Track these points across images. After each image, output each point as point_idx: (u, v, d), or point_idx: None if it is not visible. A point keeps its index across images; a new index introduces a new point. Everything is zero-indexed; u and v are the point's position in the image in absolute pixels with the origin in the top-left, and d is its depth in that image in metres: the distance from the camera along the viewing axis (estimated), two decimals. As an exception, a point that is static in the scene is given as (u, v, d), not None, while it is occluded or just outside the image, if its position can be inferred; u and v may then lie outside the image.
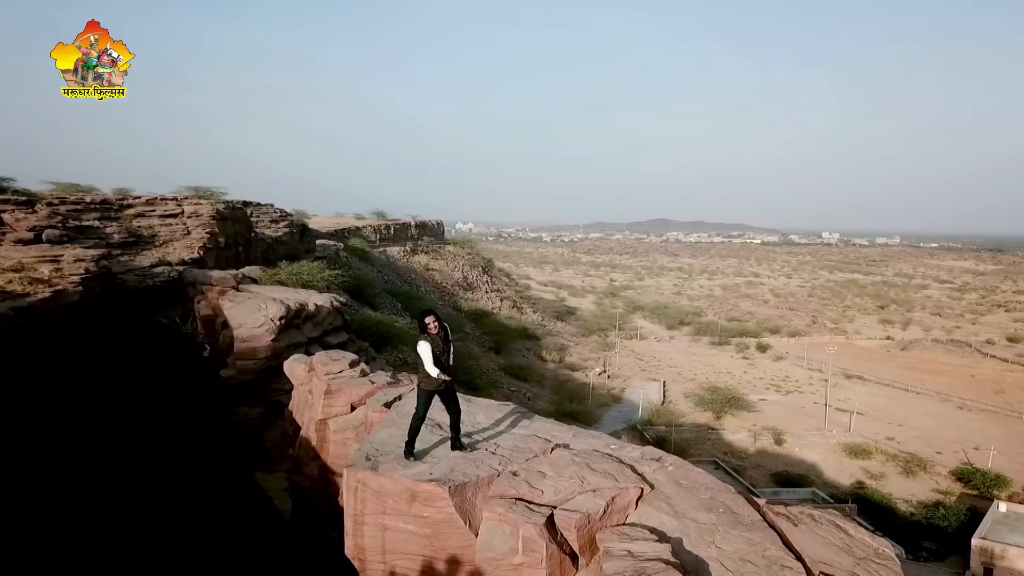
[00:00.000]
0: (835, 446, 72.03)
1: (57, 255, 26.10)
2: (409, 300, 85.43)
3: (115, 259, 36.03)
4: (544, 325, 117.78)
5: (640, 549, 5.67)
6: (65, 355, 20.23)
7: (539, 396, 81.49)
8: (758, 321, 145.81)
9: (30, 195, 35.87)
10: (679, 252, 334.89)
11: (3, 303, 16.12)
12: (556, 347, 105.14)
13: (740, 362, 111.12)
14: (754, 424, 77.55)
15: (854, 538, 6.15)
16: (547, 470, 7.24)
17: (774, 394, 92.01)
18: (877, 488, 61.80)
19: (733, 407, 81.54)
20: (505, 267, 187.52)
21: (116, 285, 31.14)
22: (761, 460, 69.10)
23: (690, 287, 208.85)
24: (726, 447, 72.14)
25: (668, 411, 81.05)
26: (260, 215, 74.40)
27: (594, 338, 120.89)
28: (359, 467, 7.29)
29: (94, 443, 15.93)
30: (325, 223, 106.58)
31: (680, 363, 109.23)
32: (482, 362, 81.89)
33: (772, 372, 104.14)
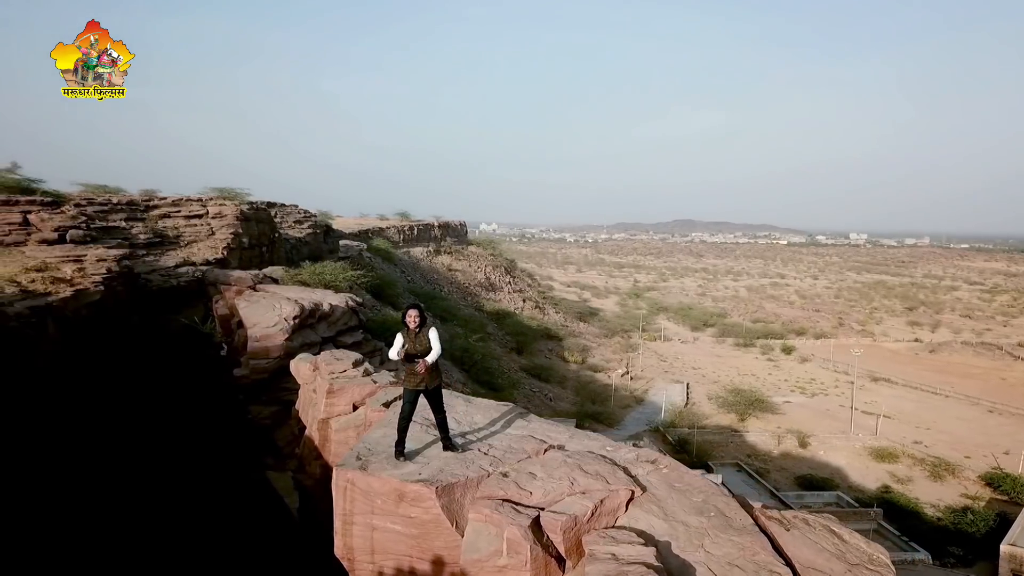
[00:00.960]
0: (861, 449, 71.01)
1: (80, 255, 26.47)
2: (432, 300, 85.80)
3: (140, 259, 36.51)
4: (567, 326, 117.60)
5: (624, 552, 5.57)
6: (86, 353, 20.52)
7: (561, 397, 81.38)
8: (783, 322, 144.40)
9: (59, 196, 36.42)
10: (704, 253, 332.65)
11: (20, 302, 16.29)
12: (578, 348, 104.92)
13: (765, 364, 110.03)
14: (778, 426, 76.69)
15: (848, 544, 6.01)
16: (538, 471, 7.16)
17: (799, 396, 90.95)
18: (904, 492, 60.85)
19: (757, 409, 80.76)
20: (528, 268, 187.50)
21: (140, 285, 31.58)
22: (785, 463, 68.35)
23: (715, 288, 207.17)
24: (749, 449, 71.44)
25: (691, 413, 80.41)
26: (284, 216, 75.18)
27: (617, 339, 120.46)
28: (348, 467, 7.26)
29: (110, 440, 16.12)
30: (349, 224, 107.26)
31: (704, 365, 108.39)
32: (504, 362, 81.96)
33: (797, 374, 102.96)
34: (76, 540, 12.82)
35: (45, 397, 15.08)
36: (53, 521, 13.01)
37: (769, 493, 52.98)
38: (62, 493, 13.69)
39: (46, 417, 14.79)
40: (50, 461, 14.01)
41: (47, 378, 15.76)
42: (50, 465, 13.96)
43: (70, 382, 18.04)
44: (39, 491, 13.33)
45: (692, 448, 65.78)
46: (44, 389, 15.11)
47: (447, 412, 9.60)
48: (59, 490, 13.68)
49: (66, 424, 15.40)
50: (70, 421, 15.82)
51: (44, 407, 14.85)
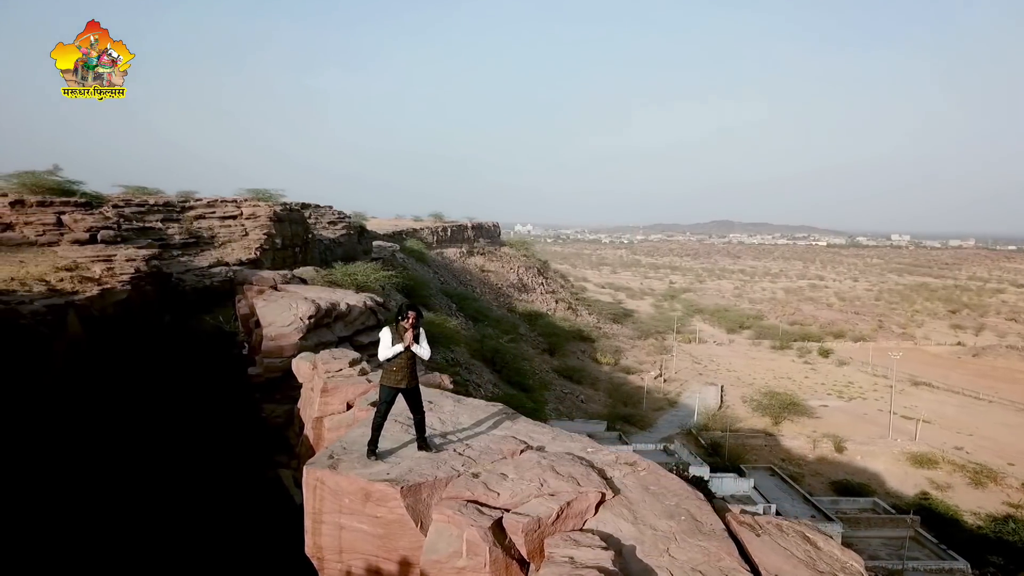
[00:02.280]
0: (899, 455, 69.59)
1: (110, 255, 26.92)
2: (464, 301, 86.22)
3: (175, 259, 37.15)
4: (600, 327, 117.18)
5: (583, 556, 5.45)
6: (112, 351, 20.89)
7: (592, 399, 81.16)
8: (821, 325, 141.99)
9: (98, 197, 37.18)
10: (741, 254, 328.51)
11: (41, 300, 16.63)
12: (611, 350, 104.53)
13: (801, 367, 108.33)
14: (814, 431, 75.47)
15: (822, 551, 5.80)
16: (510, 472, 7.05)
17: (836, 400, 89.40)
18: (943, 499, 59.53)
19: (792, 413, 79.67)
20: (562, 269, 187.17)
21: (171, 284, 32.12)
22: (820, 468, 67.31)
23: (752, 290, 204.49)
24: (784, 453, 70.46)
25: (725, 416, 79.70)
26: (319, 217, 76.05)
27: (651, 341, 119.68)
28: (319, 465, 7.23)
29: (126, 438, 16.36)
30: (384, 225, 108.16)
31: (739, 367, 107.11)
32: (535, 364, 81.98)
33: (834, 377, 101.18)
34: (87, 538, 13.03)
35: (63, 394, 15.37)
36: (63, 518, 13.24)
37: (802, 498, 52.13)
38: (74, 489, 13.93)
39: (65, 414, 15.08)
40: (64, 457, 14.27)
41: (67, 375, 16.06)
42: (63, 461, 14.21)
43: (93, 379, 18.40)
44: (49, 486, 13.58)
45: (724, 451, 65.13)
46: (62, 386, 15.39)
47: (435, 412, 9.58)
48: (71, 486, 13.92)
49: (84, 421, 15.68)
50: (90, 418, 16.11)
51: (62, 404, 15.13)
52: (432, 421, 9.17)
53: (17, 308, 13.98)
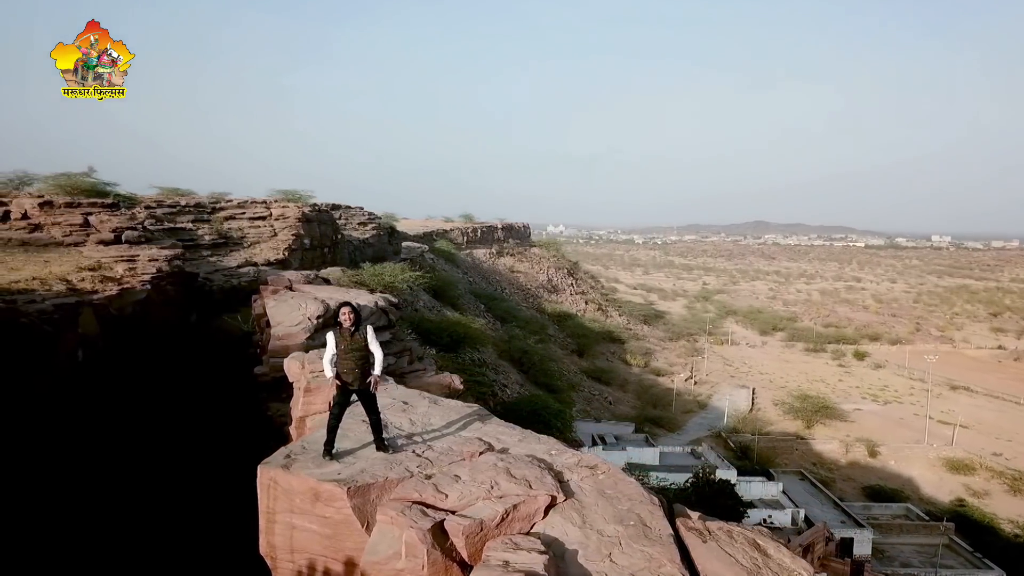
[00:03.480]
0: (935, 460, 68.18)
1: (133, 255, 27.40)
2: (492, 302, 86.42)
3: (204, 259, 37.76)
4: (630, 328, 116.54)
5: (519, 560, 5.36)
6: (129, 349, 21.24)
7: (621, 400, 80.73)
8: (857, 327, 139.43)
9: (131, 199, 37.93)
10: (776, 255, 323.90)
11: (49, 300, 16.94)
12: (642, 351, 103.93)
13: (835, 370, 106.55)
14: (847, 434, 74.29)
15: (770, 558, 5.63)
16: (464, 474, 6.99)
17: (870, 404, 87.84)
18: (979, 506, 58.17)
19: (825, 416, 78.53)
20: (593, 270, 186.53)
21: (196, 284, 32.60)
22: (852, 472, 66.20)
23: (786, 291, 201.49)
24: (815, 457, 69.41)
25: (755, 419, 78.83)
26: (349, 218, 76.78)
27: (682, 343, 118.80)
28: (273, 464, 7.24)
29: (131, 436, 16.60)
30: (414, 225, 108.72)
31: (771, 370, 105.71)
32: (563, 365, 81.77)
33: (869, 381, 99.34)
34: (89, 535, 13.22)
35: (75, 390, 15.63)
36: (65, 515, 13.46)
37: (832, 503, 51.31)
38: (76, 485, 14.16)
39: (75, 410, 15.34)
40: (69, 453, 14.50)
41: (80, 372, 16.33)
42: (68, 457, 14.45)
43: (109, 376, 18.70)
44: (51, 482, 13.81)
45: (753, 455, 64.37)
46: (73, 383, 15.65)
47: (408, 413, 9.57)
48: (74, 481, 14.14)
49: (96, 418, 15.94)
50: (101, 415, 16.37)
51: (72, 400, 15.38)
52: (403, 422, 9.15)
53: (18, 307, 14.21)
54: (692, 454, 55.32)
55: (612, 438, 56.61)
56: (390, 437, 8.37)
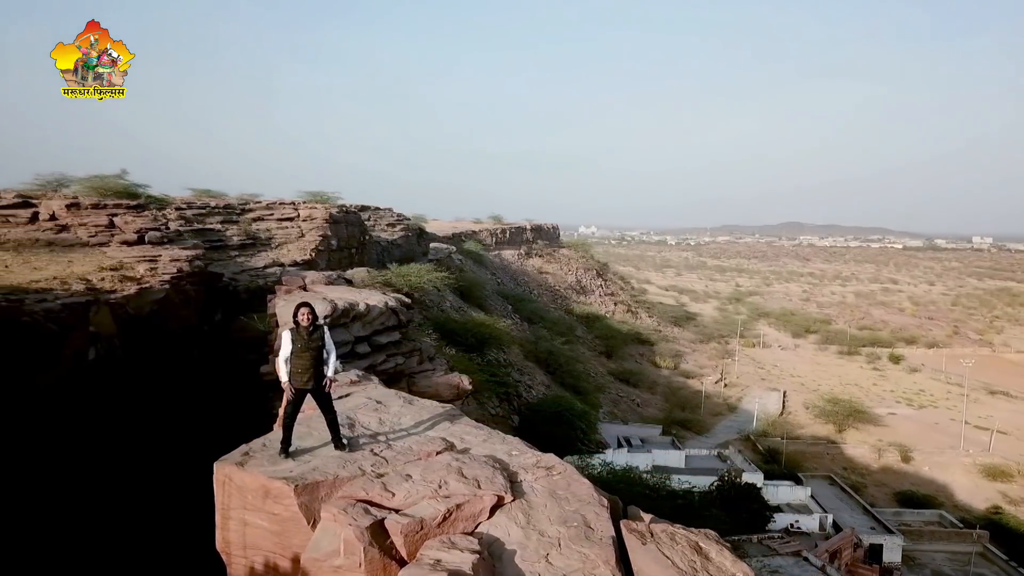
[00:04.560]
0: (970, 466, 66.71)
1: (155, 255, 27.84)
2: (520, 302, 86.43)
3: (232, 259, 38.25)
4: (659, 330, 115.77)
5: (450, 559, 5.34)
6: (145, 348, 21.58)
7: (648, 403, 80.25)
8: (892, 330, 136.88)
9: (162, 200, 38.59)
10: (811, 257, 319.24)
11: (61, 299, 17.26)
12: (671, 353, 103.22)
13: (869, 373, 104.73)
14: (880, 439, 72.97)
15: (710, 562, 5.52)
16: (416, 473, 6.98)
17: (905, 408, 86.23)
18: (1016, 514, 56.69)
19: (857, 420, 77.25)
20: (624, 271, 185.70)
21: (220, 284, 33.04)
22: (884, 478, 65.00)
23: (820, 293, 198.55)
24: (846, 462, 68.34)
25: (786, 422, 77.83)
26: (377, 219, 77.39)
27: (713, 345, 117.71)
28: (228, 461, 7.32)
29: (142, 432, 16.86)
30: (443, 227, 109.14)
31: (803, 372, 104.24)
32: (591, 366, 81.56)
33: (904, 385, 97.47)
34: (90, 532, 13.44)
35: (86, 387, 15.90)
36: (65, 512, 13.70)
37: (862, 509, 50.40)
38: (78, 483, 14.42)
39: (84, 407, 15.61)
40: (72, 451, 14.75)
41: (93, 370, 16.62)
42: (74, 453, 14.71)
43: (125, 374, 19.03)
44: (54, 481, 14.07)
45: (782, 458, 63.55)
46: (85, 380, 15.92)
47: (379, 412, 9.59)
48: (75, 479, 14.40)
49: (106, 416, 16.21)
50: (112, 413, 16.65)
51: (83, 397, 15.66)
52: (371, 421, 9.17)
53: (23, 306, 14.50)
54: (718, 457, 54.69)
55: (638, 440, 56.20)
56: (353, 436, 8.43)
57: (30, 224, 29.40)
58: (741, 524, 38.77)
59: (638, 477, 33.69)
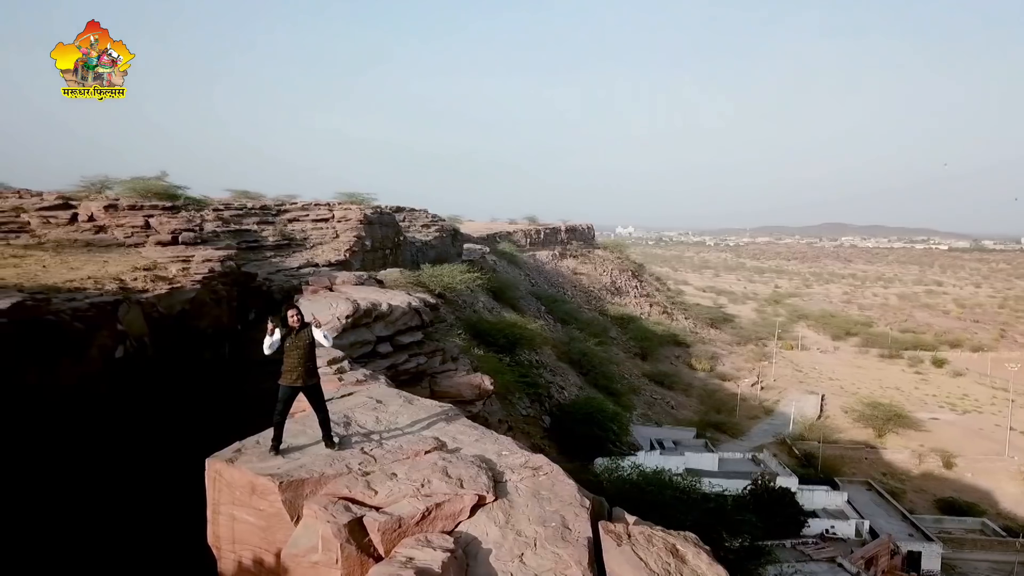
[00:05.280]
0: (1016, 473, 65.04)
1: (188, 255, 28.31)
2: (553, 303, 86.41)
3: (267, 260, 38.82)
4: (696, 332, 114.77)
5: (422, 557, 5.37)
6: (175, 347, 21.99)
7: (683, 405, 79.59)
8: (936, 333, 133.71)
9: (200, 201, 39.37)
10: (853, 258, 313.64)
11: (91, 298, 17.66)
12: (707, 355, 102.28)
13: (911, 377, 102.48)
14: (921, 444, 71.46)
15: (687, 565, 5.45)
16: (402, 472, 7.05)
17: (948, 413, 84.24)
18: (1064, 523, 55.08)
19: (898, 425, 75.66)
20: (661, 272, 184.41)
21: (254, 284, 33.54)
22: (925, 484, 63.58)
23: (862, 295, 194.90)
24: (885, 467, 67.01)
25: (823, 426, 76.49)
26: (412, 220, 77.96)
27: (750, 347, 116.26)
28: (220, 458, 7.45)
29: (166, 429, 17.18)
30: (478, 228, 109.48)
31: (843, 376, 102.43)
32: (625, 367, 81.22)
33: (948, 389, 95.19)
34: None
35: (106, 386, 16.26)
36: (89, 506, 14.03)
37: (900, 515, 49.37)
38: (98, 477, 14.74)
39: (107, 405, 15.97)
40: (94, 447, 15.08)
41: (116, 369, 16.99)
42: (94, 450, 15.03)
43: (153, 373, 19.43)
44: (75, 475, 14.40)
45: (818, 463, 62.55)
46: (104, 379, 16.27)
47: (378, 411, 9.68)
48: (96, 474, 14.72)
49: (127, 413, 16.56)
50: (140, 409, 17.00)
51: (105, 395, 16.01)
52: (368, 420, 9.25)
53: (49, 305, 14.87)
54: (752, 461, 54.03)
55: (670, 443, 55.75)
56: (347, 435, 8.54)
57: (69, 225, 30.16)
58: (775, 529, 38.29)
59: (669, 480, 33.44)
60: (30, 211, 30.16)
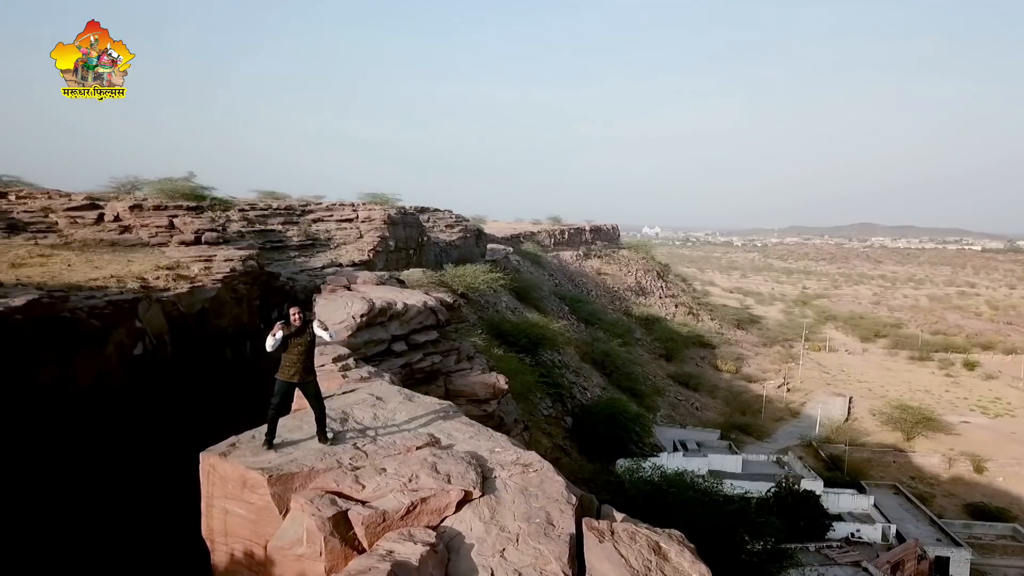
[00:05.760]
0: (1049, 478, 63.62)
1: (211, 255, 28.69)
2: (577, 304, 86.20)
3: (291, 259, 39.20)
4: (722, 333, 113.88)
5: (402, 550, 5.40)
6: (195, 344, 22.30)
7: (708, 407, 79.00)
8: (968, 335, 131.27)
9: (226, 202, 39.84)
10: (883, 259, 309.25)
11: (109, 296, 17.95)
12: (733, 357, 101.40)
13: (942, 380, 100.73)
14: (951, 448, 70.16)
15: (668, 562, 5.41)
16: (392, 467, 7.10)
17: (979, 416, 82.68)
18: (1098, 529, 53.79)
19: (927, 428, 74.31)
20: (687, 272, 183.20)
21: (276, 283, 33.90)
22: (955, 488, 62.43)
23: (891, 297, 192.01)
24: (914, 471, 65.88)
25: (851, 429, 75.49)
26: (436, 220, 78.21)
27: (777, 349, 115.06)
28: (213, 452, 7.54)
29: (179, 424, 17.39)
30: (502, 228, 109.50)
31: (871, 378, 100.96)
32: (649, 368, 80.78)
33: (979, 392, 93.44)
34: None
35: (124, 381, 16.53)
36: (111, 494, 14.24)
37: (928, 520, 48.55)
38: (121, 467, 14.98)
39: (125, 400, 16.23)
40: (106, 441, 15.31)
41: (134, 365, 17.29)
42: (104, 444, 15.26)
43: (173, 369, 19.73)
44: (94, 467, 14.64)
45: (844, 466, 61.73)
46: (122, 374, 16.55)
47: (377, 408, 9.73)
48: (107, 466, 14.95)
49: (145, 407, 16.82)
50: (152, 404, 17.27)
51: (122, 390, 16.28)
52: (366, 416, 9.32)
53: (66, 302, 15.14)
54: (777, 463, 53.48)
55: (694, 444, 55.38)
56: (342, 430, 8.63)
57: (96, 225, 30.71)
58: (798, 532, 37.86)
59: (690, 481, 33.20)
60: (58, 211, 30.75)
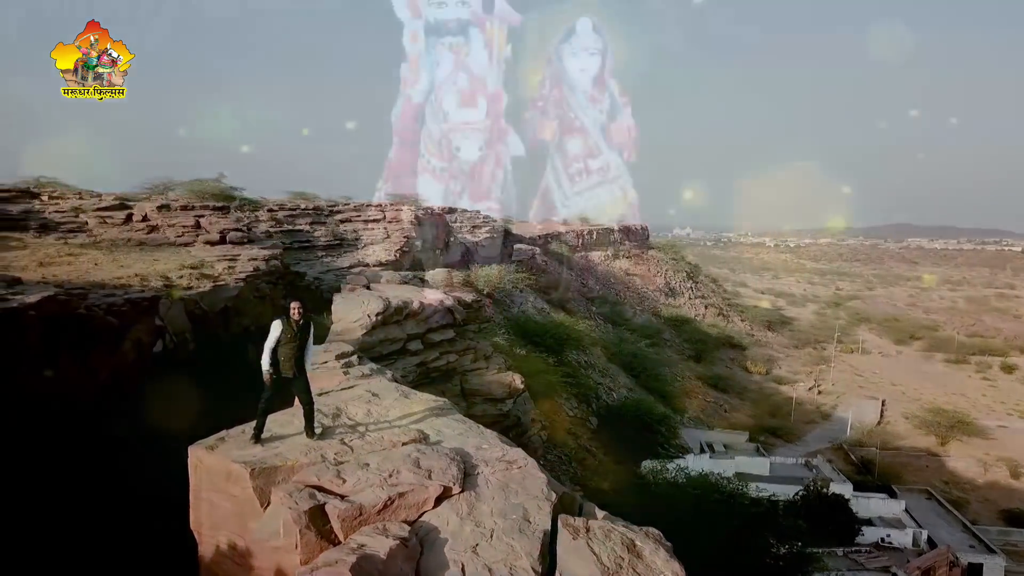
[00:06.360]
0: (1090, 485, 62.08)
1: (235, 254, 29.11)
2: (604, 304, 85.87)
3: (318, 260, 39.65)
4: (752, 334, 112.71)
5: (373, 544, 5.46)
6: (217, 343, 22.59)
7: (737, 408, 78.21)
8: (1006, 338, 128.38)
9: (255, 202, 40.42)
10: (919, 260, 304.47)
11: (130, 294, 18.25)
12: (763, 358, 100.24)
13: (978, 383, 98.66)
14: (987, 453, 68.74)
15: (642, 560, 5.37)
16: (375, 462, 7.17)
17: (1017, 421, 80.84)
18: None
19: (962, 432, 72.78)
20: (719, 273, 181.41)
21: (301, 283, 34.30)
22: (991, 494, 61.16)
23: (927, 298, 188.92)
24: (948, 476, 64.63)
25: (883, 432, 74.24)
26: (463, 220, 78.44)
27: (808, 350, 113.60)
28: (201, 445, 7.67)
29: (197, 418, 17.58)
30: (530, 228, 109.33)
31: (905, 381, 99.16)
32: (677, 370, 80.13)
33: (1018, 396, 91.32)
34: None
35: (142, 378, 16.80)
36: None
37: (962, 526, 47.58)
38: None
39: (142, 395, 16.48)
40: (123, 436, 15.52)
41: (152, 363, 17.57)
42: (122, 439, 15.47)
43: (194, 366, 20.00)
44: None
45: (876, 469, 60.77)
46: (140, 371, 16.83)
47: (372, 404, 9.76)
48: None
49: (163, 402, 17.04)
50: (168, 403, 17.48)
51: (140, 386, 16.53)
52: (358, 412, 9.39)
53: (81, 300, 15.41)
54: (805, 466, 52.80)
55: (721, 446, 54.92)
56: (332, 426, 8.71)
57: (124, 225, 31.30)
58: (826, 536, 37.37)
59: (715, 483, 32.91)
60: (88, 211, 31.38)
